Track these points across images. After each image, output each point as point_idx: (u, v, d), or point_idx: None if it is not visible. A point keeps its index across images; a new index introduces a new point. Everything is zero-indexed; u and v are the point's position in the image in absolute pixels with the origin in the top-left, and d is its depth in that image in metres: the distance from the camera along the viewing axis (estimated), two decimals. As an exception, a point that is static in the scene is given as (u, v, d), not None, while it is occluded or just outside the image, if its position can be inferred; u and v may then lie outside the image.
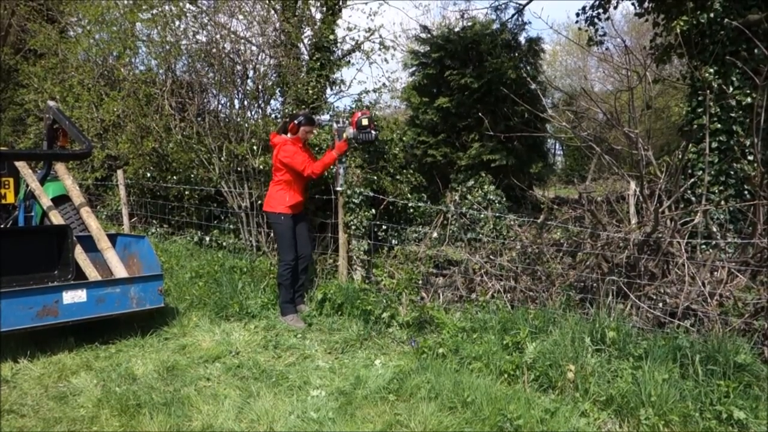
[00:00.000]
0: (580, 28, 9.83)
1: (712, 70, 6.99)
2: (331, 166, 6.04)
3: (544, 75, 15.49)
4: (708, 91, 6.50)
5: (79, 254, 5.53)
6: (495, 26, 13.20)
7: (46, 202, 5.96)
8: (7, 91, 15.62)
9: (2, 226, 5.82)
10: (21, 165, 6.00)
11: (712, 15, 6.91)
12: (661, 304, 4.87)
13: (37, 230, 5.91)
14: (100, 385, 4.22)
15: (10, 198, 5.96)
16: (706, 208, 5.64)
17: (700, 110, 7.14)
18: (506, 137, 10.88)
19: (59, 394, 4.09)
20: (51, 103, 6.16)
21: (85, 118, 10.32)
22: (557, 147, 25.13)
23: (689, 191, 6.77)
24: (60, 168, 6.24)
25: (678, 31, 7.12)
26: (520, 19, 13.49)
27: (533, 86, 8.51)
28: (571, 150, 24.30)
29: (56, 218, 5.88)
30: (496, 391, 3.97)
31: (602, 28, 9.59)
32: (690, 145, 7.10)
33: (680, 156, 6.61)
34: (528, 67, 13.03)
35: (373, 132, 5.87)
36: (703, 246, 5.64)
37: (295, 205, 5.81)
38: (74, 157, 7.13)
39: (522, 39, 13.58)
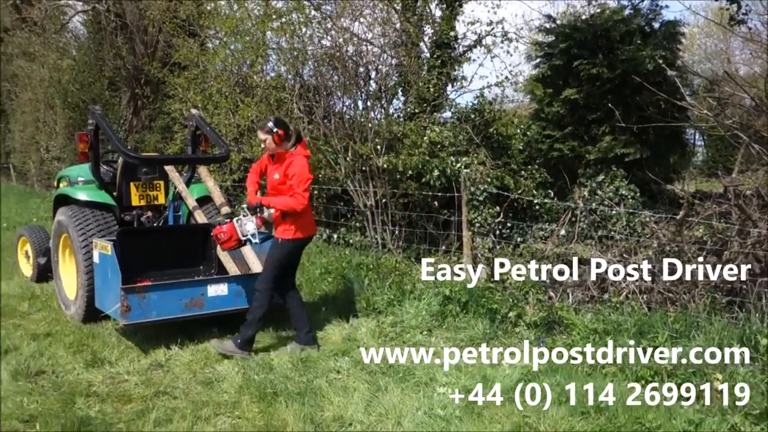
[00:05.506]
0: (721, 7, 9.02)
1: None
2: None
3: (682, 60, 14.38)
4: None
5: (220, 250, 5.93)
6: (627, 12, 12.43)
7: (191, 202, 6.42)
8: (157, 101, 17.10)
9: (155, 224, 6.34)
10: (169, 169, 6.52)
11: None
12: (826, 310, 4.37)
13: (184, 228, 6.41)
14: (240, 372, 4.50)
15: (161, 199, 6.46)
16: None
17: None
18: (640, 129, 10.22)
19: (206, 380, 4.41)
20: (194, 111, 6.65)
21: (223, 124, 11.04)
22: (697, 137, 23.26)
23: None
24: (202, 171, 6.72)
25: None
26: (655, 2, 12.61)
27: (671, 73, 7.93)
28: (713, 140, 22.32)
29: (201, 217, 6.32)
30: (633, 398, 3.76)
31: (747, 5, 8.71)
32: None
33: None
34: (665, 53, 12.14)
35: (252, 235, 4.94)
36: None
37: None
38: (215, 161, 7.68)
39: (656, 24, 12.69)
